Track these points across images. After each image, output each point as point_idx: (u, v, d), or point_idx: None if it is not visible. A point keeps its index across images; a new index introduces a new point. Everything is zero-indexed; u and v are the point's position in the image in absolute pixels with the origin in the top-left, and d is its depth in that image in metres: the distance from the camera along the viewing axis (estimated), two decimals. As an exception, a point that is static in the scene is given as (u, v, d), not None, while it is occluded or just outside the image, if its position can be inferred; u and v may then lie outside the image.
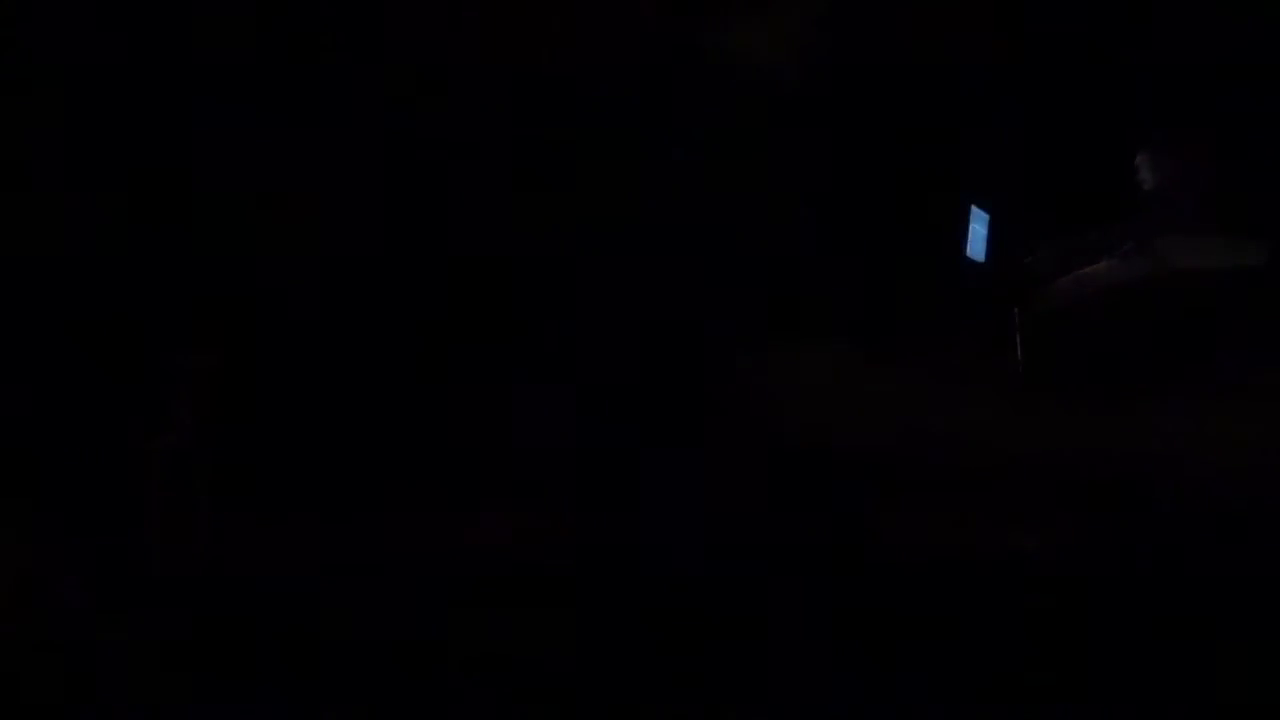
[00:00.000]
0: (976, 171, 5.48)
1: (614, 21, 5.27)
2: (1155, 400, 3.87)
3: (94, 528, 4.66)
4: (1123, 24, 5.38)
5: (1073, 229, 4.59)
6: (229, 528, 4.19)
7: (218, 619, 2.91)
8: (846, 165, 5.85)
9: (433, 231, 5.31)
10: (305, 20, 5.21)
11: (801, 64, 5.77)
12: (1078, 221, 4.62)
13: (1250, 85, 5.01)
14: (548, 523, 3.86)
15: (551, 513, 3.97)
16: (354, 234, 5.51)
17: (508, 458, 4.50)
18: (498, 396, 4.84)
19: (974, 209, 4.78)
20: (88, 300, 5.09)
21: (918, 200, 5.70)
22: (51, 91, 5.23)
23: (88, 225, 5.23)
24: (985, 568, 3.20)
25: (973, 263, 4.79)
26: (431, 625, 2.76)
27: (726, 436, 4.44)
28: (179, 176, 5.35)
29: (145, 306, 5.30)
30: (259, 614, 2.96)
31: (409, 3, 5.36)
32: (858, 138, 5.83)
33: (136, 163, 5.31)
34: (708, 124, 5.84)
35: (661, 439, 4.43)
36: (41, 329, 5.07)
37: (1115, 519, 3.26)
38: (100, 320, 5.13)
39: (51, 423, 5.05)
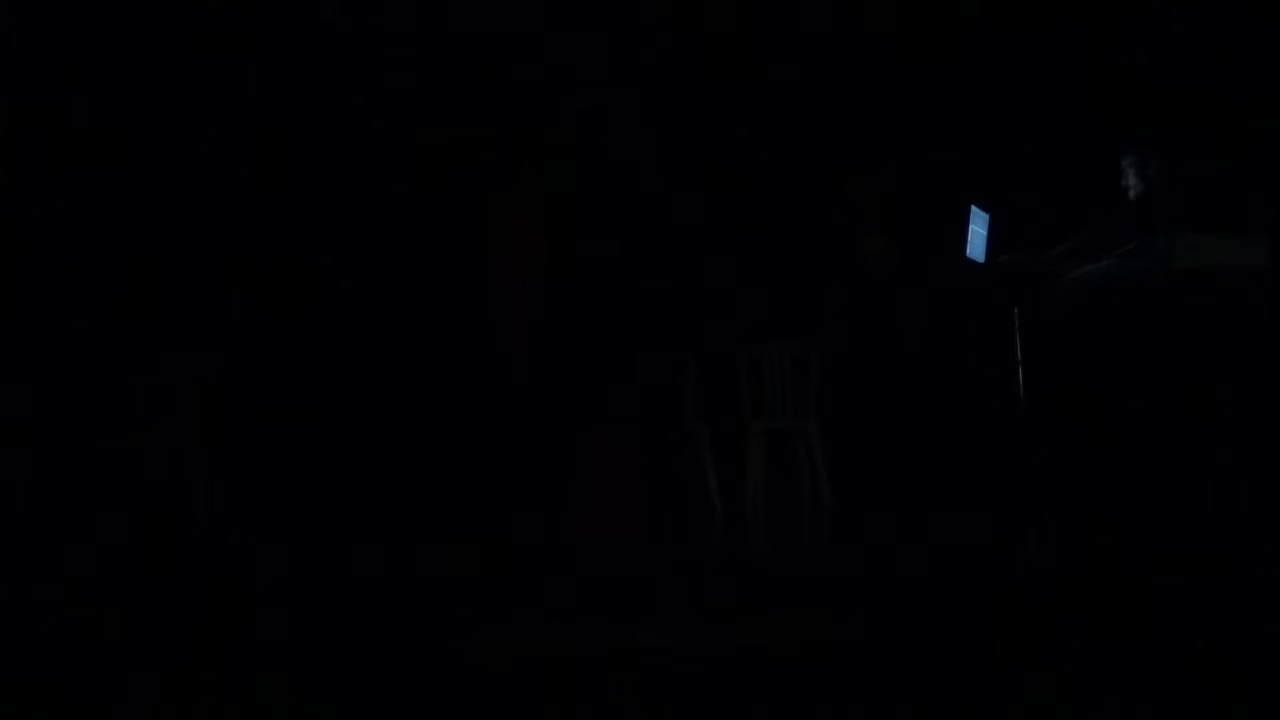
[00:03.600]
0: (976, 172, 5.49)
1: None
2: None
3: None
4: (1122, 24, 5.38)
5: (1073, 229, 4.58)
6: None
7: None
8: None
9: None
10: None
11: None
12: (1078, 221, 4.62)
13: (1249, 86, 5.00)
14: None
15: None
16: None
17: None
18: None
19: (974, 209, 4.77)
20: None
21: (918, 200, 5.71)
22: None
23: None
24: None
25: (973, 263, 4.79)
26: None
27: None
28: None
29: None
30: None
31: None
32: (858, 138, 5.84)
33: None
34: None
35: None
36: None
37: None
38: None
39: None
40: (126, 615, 3.02)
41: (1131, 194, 4.52)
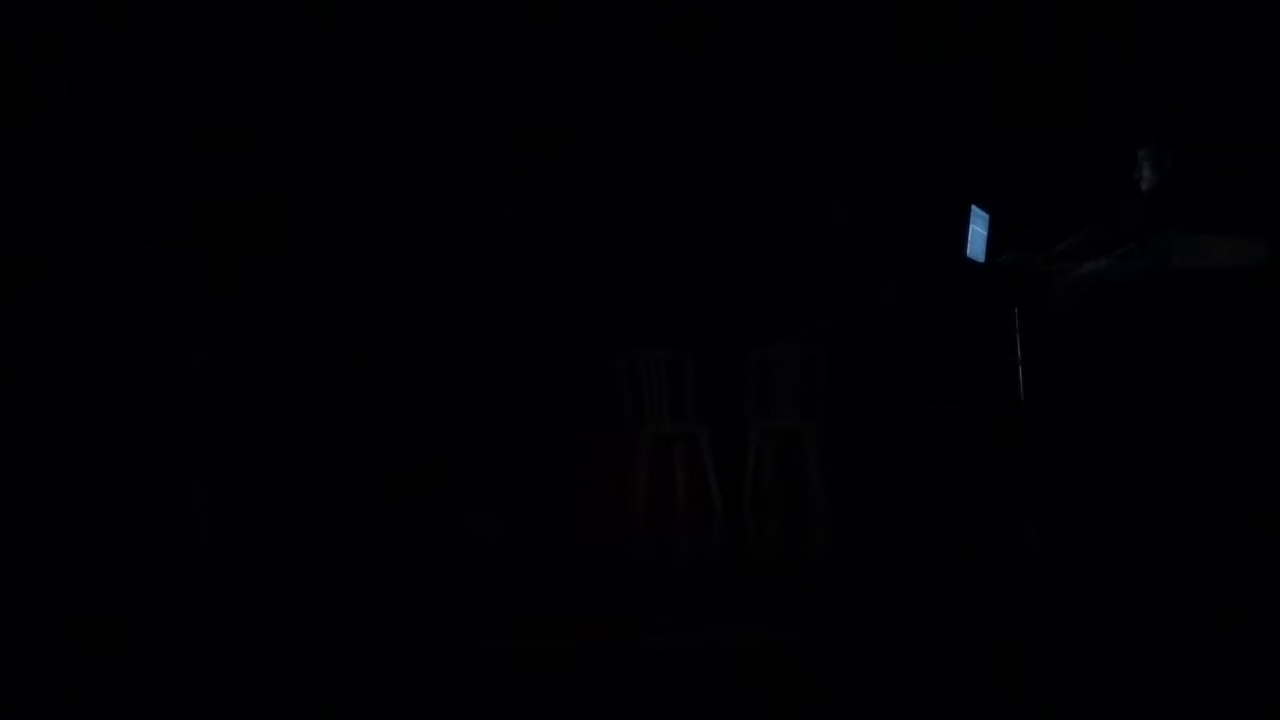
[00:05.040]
0: (976, 172, 5.49)
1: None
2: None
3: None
4: (1122, 25, 5.38)
5: (1073, 228, 4.58)
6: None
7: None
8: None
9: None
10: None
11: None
12: (1078, 220, 4.62)
13: (1249, 86, 5.01)
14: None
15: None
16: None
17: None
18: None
19: (974, 209, 4.77)
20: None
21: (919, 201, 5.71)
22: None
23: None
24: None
25: (973, 263, 4.78)
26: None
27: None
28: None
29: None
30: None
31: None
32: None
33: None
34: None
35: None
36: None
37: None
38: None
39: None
40: (126, 615, 3.02)
41: (1144, 185, 4.51)
